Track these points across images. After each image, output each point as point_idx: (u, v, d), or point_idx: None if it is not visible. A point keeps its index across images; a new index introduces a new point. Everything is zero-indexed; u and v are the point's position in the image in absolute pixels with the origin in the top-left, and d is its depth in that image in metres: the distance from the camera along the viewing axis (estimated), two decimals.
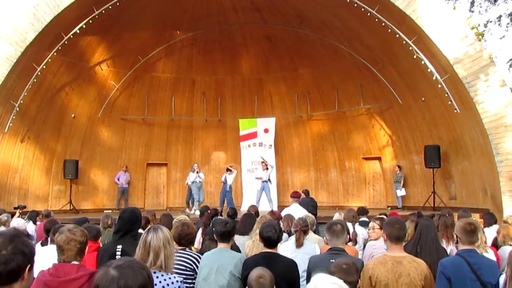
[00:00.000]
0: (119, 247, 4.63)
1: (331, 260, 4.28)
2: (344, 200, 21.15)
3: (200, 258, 5.04)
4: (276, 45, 20.64)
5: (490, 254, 5.55)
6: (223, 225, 5.17)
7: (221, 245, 5.18)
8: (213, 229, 5.45)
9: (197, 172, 18.06)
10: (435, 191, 17.08)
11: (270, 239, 4.94)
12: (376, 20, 14.66)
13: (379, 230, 6.58)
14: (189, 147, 22.10)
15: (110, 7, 15.19)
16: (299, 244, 6.01)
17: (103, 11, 15.26)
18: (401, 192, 18.54)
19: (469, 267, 4.17)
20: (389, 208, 18.42)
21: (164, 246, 3.68)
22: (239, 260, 4.99)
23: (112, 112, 20.31)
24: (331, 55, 19.57)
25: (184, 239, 5.13)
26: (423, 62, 14.52)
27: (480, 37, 26.53)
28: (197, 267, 4.95)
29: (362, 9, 14.65)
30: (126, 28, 18.34)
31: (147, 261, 3.60)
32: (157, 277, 3.59)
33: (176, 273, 4.49)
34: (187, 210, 16.36)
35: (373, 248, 6.04)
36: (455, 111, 14.49)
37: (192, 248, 5.48)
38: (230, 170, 18.64)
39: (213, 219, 7.29)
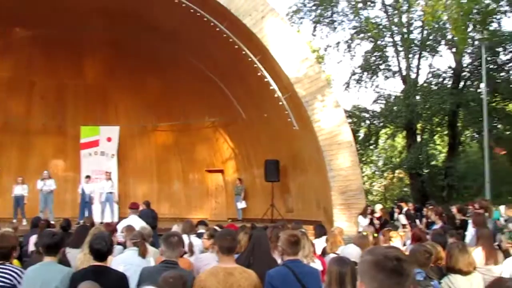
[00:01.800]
0: None
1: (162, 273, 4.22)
2: (187, 212, 21.08)
3: (22, 272, 4.70)
4: (124, 52, 20.11)
5: (317, 264, 5.84)
6: (50, 237, 4.87)
7: (47, 259, 4.87)
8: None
9: (44, 179, 17.08)
10: (274, 204, 17.69)
11: (100, 252, 4.75)
12: (225, 35, 14.95)
13: (206, 240, 6.67)
14: (24, 153, 20.69)
15: None
16: (144, 254, 5.89)
17: None
18: (242, 204, 18.98)
19: (294, 277, 4.35)
20: (230, 220, 18.73)
21: None
22: (66, 274, 4.73)
23: None
24: (180, 67, 19.56)
25: None
26: (266, 80, 15.07)
27: (320, 60, 28.25)
28: (18, 282, 4.60)
29: (212, 24, 14.86)
30: None
31: None
32: None
33: None
34: (14, 220, 15.35)
35: (199, 261, 6.07)
36: (294, 128, 15.17)
37: (14, 262, 5.10)
38: (89, 177, 17.84)
39: (43, 231, 6.89)
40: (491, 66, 24.79)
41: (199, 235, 8.11)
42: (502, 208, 12.65)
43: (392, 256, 2.01)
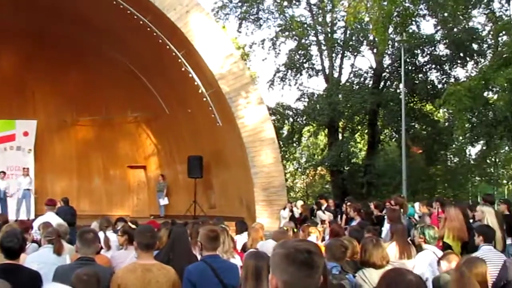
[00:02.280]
0: None
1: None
2: (108, 209, 20.61)
3: None
4: (44, 43, 19.29)
5: (237, 259, 5.85)
6: None
7: None
8: None
9: None
10: (196, 201, 17.58)
11: (11, 250, 4.57)
12: (149, 29, 14.72)
13: (120, 237, 6.58)
14: None
15: None
16: (59, 252, 5.71)
17: None
18: (164, 201, 18.79)
19: (212, 272, 4.34)
20: (152, 217, 18.50)
21: None
22: None
23: None
24: (102, 60, 19.06)
25: None
26: (190, 75, 14.97)
27: (245, 56, 28.37)
28: None
29: (135, 17, 14.59)
30: None
31: None
32: None
33: None
34: None
35: (115, 258, 5.97)
36: (218, 124, 15.17)
37: None
38: (4, 173, 17.02)
39: None
40: (410, 68, 25.73)
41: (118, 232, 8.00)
42: (417, 205, 13.16)
43: (302, 249, 2.04)
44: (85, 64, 19.56)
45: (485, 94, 19.78)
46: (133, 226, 5.59)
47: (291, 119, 28.65)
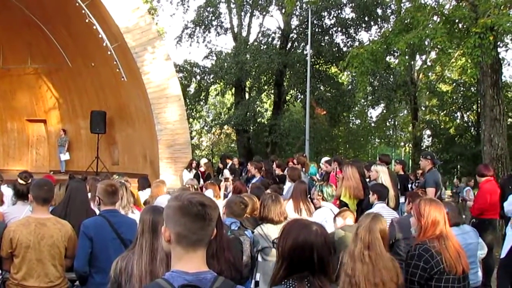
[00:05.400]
0: None
1: None
2: (4, 163, 19.91)
3: None
4: None
5: (136, 215, 5.83)
6: None
7: None
8: None
9: None
10: (99, 157, 17.25)
11: None
12: None
13: None
14: None
15: None
16: None
17: None
18: (65, 156, 18.31)
19: (110, 226, 4.33)
20: (52, 172, 17.98)
21: None
22: None
23: None
24: None
25: None
26: (95, 27, 14.45)
27: (153, 11, 27.68)
28: None
29: None
30: None
31: None
32: None
33: None
34: None
35: (7, 215, 5.79)
36: (122, 79, 14.84)
37: None
38: None
39: None
40: (316, 30, 26.12)
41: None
42: (323, 160, 13.26)
43: (196, 202, 2.09)
44: None
45: (387, 58, 20.49)
46: (21, 182, 5.37)
47: (198, 77, 28.38)
